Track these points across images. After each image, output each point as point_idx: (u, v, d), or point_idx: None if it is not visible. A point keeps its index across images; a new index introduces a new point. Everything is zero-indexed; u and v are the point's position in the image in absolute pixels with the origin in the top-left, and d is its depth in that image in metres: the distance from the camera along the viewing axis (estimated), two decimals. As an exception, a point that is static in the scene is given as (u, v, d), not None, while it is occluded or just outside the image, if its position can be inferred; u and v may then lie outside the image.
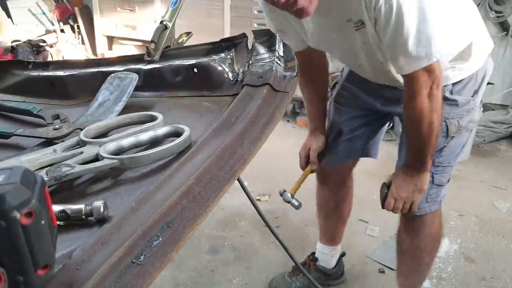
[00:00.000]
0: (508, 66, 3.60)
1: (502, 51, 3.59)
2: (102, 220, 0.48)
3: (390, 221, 2.42)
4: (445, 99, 1.24)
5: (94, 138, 0.64)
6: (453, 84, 1.31)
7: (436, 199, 1.53)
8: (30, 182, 0.35)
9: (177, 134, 0.62)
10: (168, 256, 0.43)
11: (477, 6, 3.68)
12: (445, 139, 1.33)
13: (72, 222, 0.49)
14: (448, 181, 1.54)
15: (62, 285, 0.38)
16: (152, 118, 0.66)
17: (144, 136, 0.62)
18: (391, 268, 2.06)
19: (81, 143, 0.62)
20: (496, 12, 3.47)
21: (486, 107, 3.30)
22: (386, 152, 3.28)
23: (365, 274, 2.05)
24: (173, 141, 0.58)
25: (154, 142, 0.62)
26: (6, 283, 0.33)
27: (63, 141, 0.64)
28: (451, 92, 1.31)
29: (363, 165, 3.07)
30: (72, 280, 0.39)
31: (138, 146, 0.62)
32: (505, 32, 3.53)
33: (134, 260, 0.41)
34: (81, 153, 0.59)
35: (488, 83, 3.72)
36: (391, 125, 3.61)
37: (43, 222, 0.35)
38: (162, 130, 0.62)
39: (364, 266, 2.09)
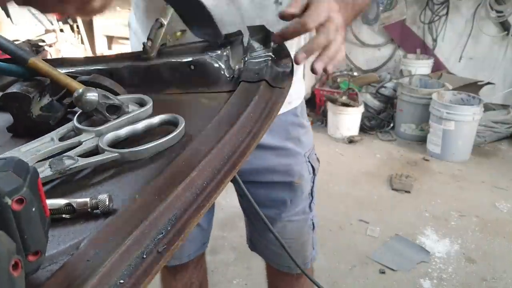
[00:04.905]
0: (509, 66, 3.60)
1: (503, 51, 3.59)
2: (107, 213, 0.49)
3: (390, 222, 2.43)
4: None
5: (87, 119, 0.66)
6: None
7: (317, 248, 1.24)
8: (23, 171, 0.37)
9: (171, 122, 0.63)
10: (174, 245, 0.44)
11: (478, 5, 3.73)
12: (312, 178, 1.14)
13: (78, 215, 0.49)
14: None
15: (72, 275, 0.39)
16: (142, 101, 0.67)
17: (140, 125, 0.63)
18: (392, 269, 2.06)
19: (76, 130, 0.62)
20: (497, 12, 3.47)
21: (487, 107, 3.30)
22: (386, 152, 3.29)
23: (365, 274, 2.04)
24: (169, 133, 0.59)
25: (149, 131, 0.63)
26: (23, 269, 0.33)
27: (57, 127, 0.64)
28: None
29: (363, 165, 3.09)
30: (81, 270, 0.39)
31: (134, 134, 0.62)
32: (506, 32, 3.53)
33: (142, 250, 0.42)
34: (80, 143, 0.60)
35: (489, 83, 3.75)
36: (391, 125, 3.61)
37: (34, 209, 0.37)
38: (157, 119, 0.63)
39: (365, 267, 2.09)
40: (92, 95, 0.62)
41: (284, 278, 1.25)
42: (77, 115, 0.64)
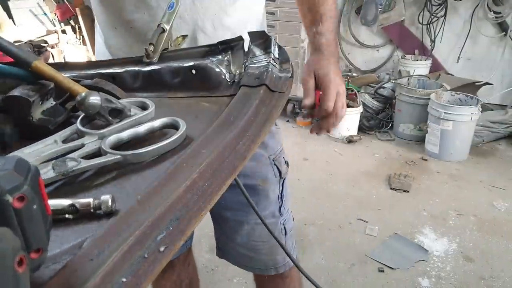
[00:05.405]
0: (507, 67, 3.61)
1: (501, 52, 3.60)
2: (110, 213, 0.49)
3: (389, 221, 2.44)
4: None
5: (90, 123, 0.66)
6: None
7: (294, 255, 1.24)
8: (24, 170, 0.37)
9: (172, 126, 0.63)
10: (176, 246, 0.45)
11: (476, 6, 3.74)
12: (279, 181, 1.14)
13: (81, 216, 0.50)
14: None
15: (75, 274, 0.40)
16: (144, 105, 0.68)
17: (142, 128, 0.63)
18: (391, 267, 2.07)
19: (79, 133, 0.63)
20: (495, 12, 3.49)
21: (484, 107, 3.31)
22: (385, 152, 3.30)
23: (364, 273, 2.06)
24: (170, 136, 0.60)
25: (151, 134, 0.64)
26: (30, 266, 0.34)
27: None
28: None
29: (362, 165, 3.10)
30: (84, 269, 0.40)
31: (136, 137, 0.63)
32: (504, 33, 3.54)
33: (144, 249, 0.42)
34: (83, 145, 0.60)
35: (487, 84, 3.77)
36: (390, 125, 3.62)
37: (35, 207, 0.37)
38: (158, 122, 0.64)
39: (364, 266, 2.11)
40: (95, 99, 0.63)
41: (270, 280, 1.24)
42: (80, 117, 0.65)
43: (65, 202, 0.50)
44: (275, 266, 1.19)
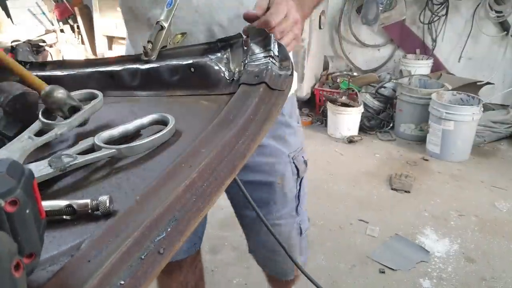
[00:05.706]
0: (508, 66, 3.61)
1: (502, 51, 3.60)
2: (108, 214, 0.49)
3: (390, 221, 2.43)
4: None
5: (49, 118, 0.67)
6: None
7: (306, 255, 1.26)
8: (17, 173, 0.36)
9: (161, 122, 0.64)
10: (175, 247, 0.44)
11: (478, 5, 3.74)
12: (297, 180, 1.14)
13: (78, 217, 0.50)
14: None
15: (72, 275, 0.39)
16: (93, 96, 0.69)
17: (131, 126, 0.64)
18: (392, 268, 2.06)
19: (46, 126, 0.64)
20: (497, 12, 3.48)
21: (486, 107, 3.30)
22: (386, 152, 3.29)
23: (365, 274, 2.05)
24: (159, 130, 0.60)
25: (141, 130, 0.65)
26: (25, 270, 0.33)
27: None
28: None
29: (363, 165, 3.10)
30: (82, 271, 0.39)
31: (127, 134, 0.64)
32: (505, 32, 3.53)
33: (142, 250, 0.42)
34: (57, 135, 0.62)
35: (488, 83, 3.76)
36: (391, 125, 3.61)
37: (27, 211, 0.36)
38: (147, 119, 0.65)
39: (364, 266, 2.10)
40: (61, 93, 0.64)
41: (277, 284, 1.25)
42: (41, 111, 0.65)
43: (62, 203, 0.50)
44: (292, 268, 1.19)
